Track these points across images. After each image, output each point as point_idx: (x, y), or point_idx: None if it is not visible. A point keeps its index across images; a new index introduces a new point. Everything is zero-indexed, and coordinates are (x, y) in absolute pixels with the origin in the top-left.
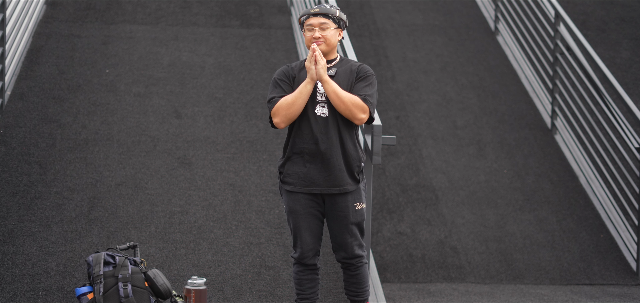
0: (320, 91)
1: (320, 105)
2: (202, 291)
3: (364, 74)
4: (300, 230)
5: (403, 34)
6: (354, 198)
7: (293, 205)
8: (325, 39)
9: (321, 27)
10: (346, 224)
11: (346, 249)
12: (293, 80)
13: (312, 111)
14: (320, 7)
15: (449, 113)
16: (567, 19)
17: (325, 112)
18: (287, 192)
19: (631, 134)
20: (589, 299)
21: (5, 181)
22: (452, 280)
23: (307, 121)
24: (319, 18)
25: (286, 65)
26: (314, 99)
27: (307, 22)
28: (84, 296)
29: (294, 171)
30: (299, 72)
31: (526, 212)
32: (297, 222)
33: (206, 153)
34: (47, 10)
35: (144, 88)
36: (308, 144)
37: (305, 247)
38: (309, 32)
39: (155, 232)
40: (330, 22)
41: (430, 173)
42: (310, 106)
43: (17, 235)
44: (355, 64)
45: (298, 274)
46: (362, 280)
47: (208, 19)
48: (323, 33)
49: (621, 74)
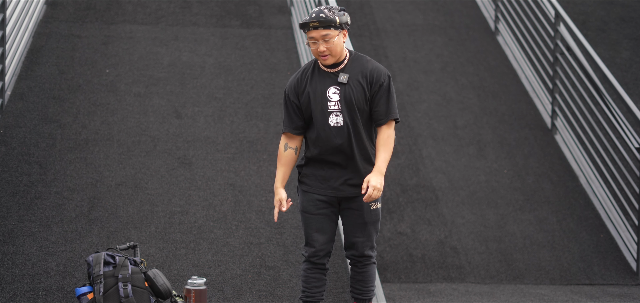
0: (332, 100)
1: (333, 115)
2: (202, 291)
3: (380, 82)
4: (312, 230)
5: (403, 34)
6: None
7: (307, 205)
8: (331, 50)
9: (324, 39)
10: (361, 223)
11: (358, 247)
12: (302, 94)
13: (325, 122)
14: (319, 18)
15: (449, 113)
16: (567, 19)
17: (340, 122)
18: (303, 192)
19: (631, 134)
20: (589, 299)
21: (5, 181)
22: (452, 280)
23: (322, 130)
24: (319, 31)
25: (298, 74)
26: (326, 110)
27: (309, 35)
28: (84, 296)
29: (311, 173)
30: (310, 81)
31: (526, 212)
32: (310, 222)
33: (206, 153)
34: (47, 10)
35: (144, 88)
36: (325, 154)
37: (317, 246)
38: (313, 46)
39: (155, 232)
40: (332, 30)
41: (430, 173)
42: (323, 118)
43: (17, 235)
44: (366, 66)
45: (306, 272)
46: (369, 278)
47: (208, 19)
48: (327, 45)
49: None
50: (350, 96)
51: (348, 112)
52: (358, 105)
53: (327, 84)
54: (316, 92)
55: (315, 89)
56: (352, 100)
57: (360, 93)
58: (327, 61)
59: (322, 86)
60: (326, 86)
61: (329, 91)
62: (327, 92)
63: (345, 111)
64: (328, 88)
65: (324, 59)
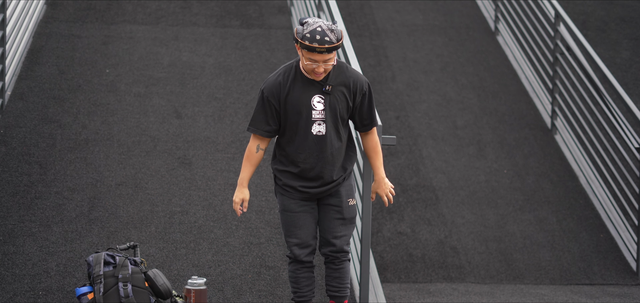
0: (317, 109)
1: (317, 124)
2: (202, 291)
3: (363, 91)
4: (296, 227)
5: (403, 34)
6: (348, 194)
7: (288, 204)
8: (327, 70)
9: (325, 62)
10: (340, 218)
11: (337, 243)
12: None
13: (308, 130)
14: (325, 43)
15: (449, 113)
16: (567, 19)
17: (322, 131)
18: (281, 194)
19: (631, 134)
20: (589, 299)
21: (6, 181)
22: (452, 280)
23: (303, 138)
24: (324, 55)
25: (279, 77)
26: (310, 119)
27: (310, 56)
28: (84, 296)
29: (288, 181)
30: (293, 88)
31: (526, 212)
32: (293, 220)
33: (206, 153)
34: (47, 10)
35: (144, 88)
36: (303, 161)
37: (302, 243)
38: (311, 65)
39: (156, 232)
40: (334, 53)
41: (430, 173)
42: (306, 125)
43: (17, 235)
44: (347, 75)
45: (294, 273)
46: (345, 275)
47: (208, 19)
48: (326, 66)
49: (621, 74)
50: (335, 105)
51: (332, 121)
52: (341, 115)
53: (311, 93)
54: (300, 100)
55: (299, 96)
56: (337, 110)
57: (343, 103)
58: (320, 78)
59: (306, 94)
60: (310, 94)
61: (313, 99)
62: (311, 101)
63: (330, 120)
64: (312, 97)
65: (317, 77)
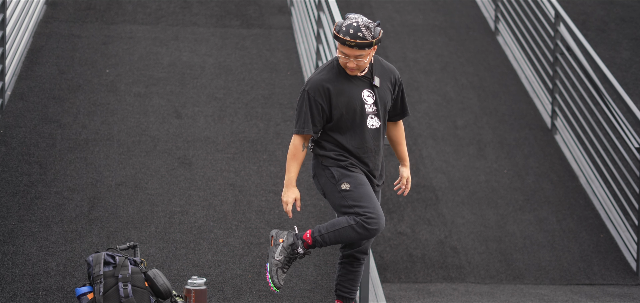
0: (368, 103)
1: (370, 117)
2: (202, 291)
3: (400, 81)
4: (370, 196)
5: (403, 34)
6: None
7: (358, 177)
8: (360, 67)
9: (356, 57)
10: None
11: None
12: (337, 96)
13: (364, 123)
14: (357, 38)
15: (449, 113)
16: (567, 19)
17: (376, 124)
18: (344, 174)
19: (631, 134)
20: (589, 299)
21: (6, 181)
22: (452, 280)
23: (360, 131)
24: (354, 50)
25: (323, 75)
26: (365, 112)
27: (342, 49)
28: (84, 296)
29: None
30: (341, 84)
31: (526, 212)
32: (367, 192)
33: (206, 153)
34: (47, 10)
35: (144, 88)
36: (358, 151)
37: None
38: (343, 58)
39: (155, 232)
40: (366, 50)
41: (430, 173)
42: (362, 118)
43: (17, 235)
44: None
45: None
46: (359, 277)
47: (208, 19)
48: (357, 63)
49: (621, 74)
50: (384, 98)
51: (382, 114)
52: (387, 107)
53: (360, 87)
54: (352, 95)
55: (351, 92)
56: (386, 102)
57: (388, 95)
58: (353, 73)
59: (356, 89)
60: (360, 89)
61: (363, 93)
62: (362, 95)
63: (381, 113)
64: (362, 91)
65: (350, 72)
